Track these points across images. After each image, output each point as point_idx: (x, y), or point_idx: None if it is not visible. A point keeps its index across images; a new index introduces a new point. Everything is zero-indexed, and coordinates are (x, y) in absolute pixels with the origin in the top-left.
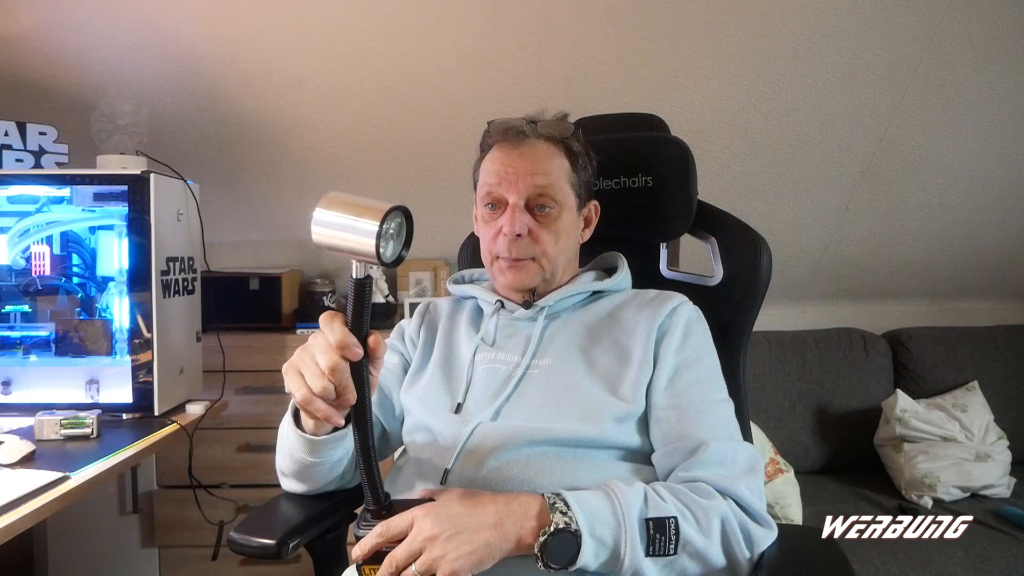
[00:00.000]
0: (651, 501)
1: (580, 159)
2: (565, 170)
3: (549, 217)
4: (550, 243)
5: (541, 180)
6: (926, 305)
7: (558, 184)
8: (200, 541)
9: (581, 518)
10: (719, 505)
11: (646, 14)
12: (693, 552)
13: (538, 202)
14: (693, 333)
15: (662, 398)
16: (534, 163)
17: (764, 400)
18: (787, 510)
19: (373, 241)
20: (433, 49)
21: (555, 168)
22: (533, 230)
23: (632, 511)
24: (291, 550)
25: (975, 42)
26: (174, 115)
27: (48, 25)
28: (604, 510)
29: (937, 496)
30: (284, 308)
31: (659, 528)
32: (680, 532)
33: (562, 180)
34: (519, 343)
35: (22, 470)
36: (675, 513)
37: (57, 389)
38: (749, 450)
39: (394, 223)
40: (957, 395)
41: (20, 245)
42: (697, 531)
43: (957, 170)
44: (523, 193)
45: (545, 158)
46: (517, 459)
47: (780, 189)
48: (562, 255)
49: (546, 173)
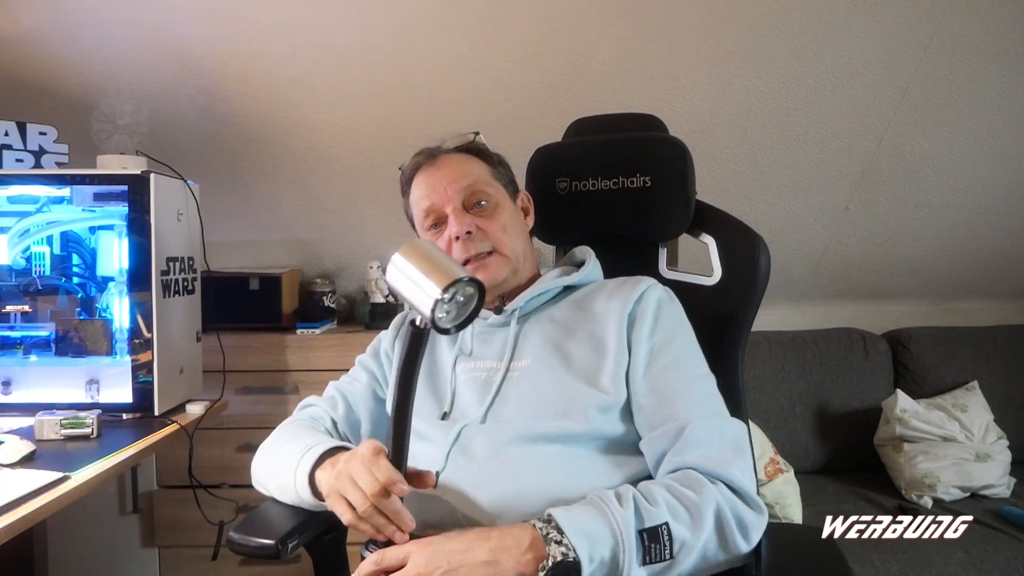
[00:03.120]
0: (642, 508)
1: (493, 159)
2: (484, 169)
3: (487, 210)
4: (500, 231)
5: (467, 180)
6: (926, 305)
7: (483, 179)
8: (200, 541)
9: (579, 544)
10: (711, 496)
11: (646, 14)
12: (688, 551)
13: (473, 200)
14: (663, 315)
15: (641, 384)
16: (454, 170)
17: (764, 400)
18: (787, 510)
19: (431, 303)
20: (433, 49)
21: (474, 169)
22: (479, 225)
23: (628, 525)
24: (291, 550)
25: (975, 42)
26: (174, 115)
27: (48, 25)
28: (601, 529)
29: (937, 496)
30: (284, 308)
31: (653, 537)
32: (673, 536)
33: (485, 176)
34: (496, 348)
35: (22, 470)
36: (667, 517)
37: (57, 389)
38: (734, 425)
39: (462, 294)
40: (957, 395)
41: (20, 245)
42: (690, 529)
43: (957, 170)
44: (455, 198)
45: (461, 164)
46: (506, 458)
47: (780, 189)
48: (517, 243)
49: (469, 174)
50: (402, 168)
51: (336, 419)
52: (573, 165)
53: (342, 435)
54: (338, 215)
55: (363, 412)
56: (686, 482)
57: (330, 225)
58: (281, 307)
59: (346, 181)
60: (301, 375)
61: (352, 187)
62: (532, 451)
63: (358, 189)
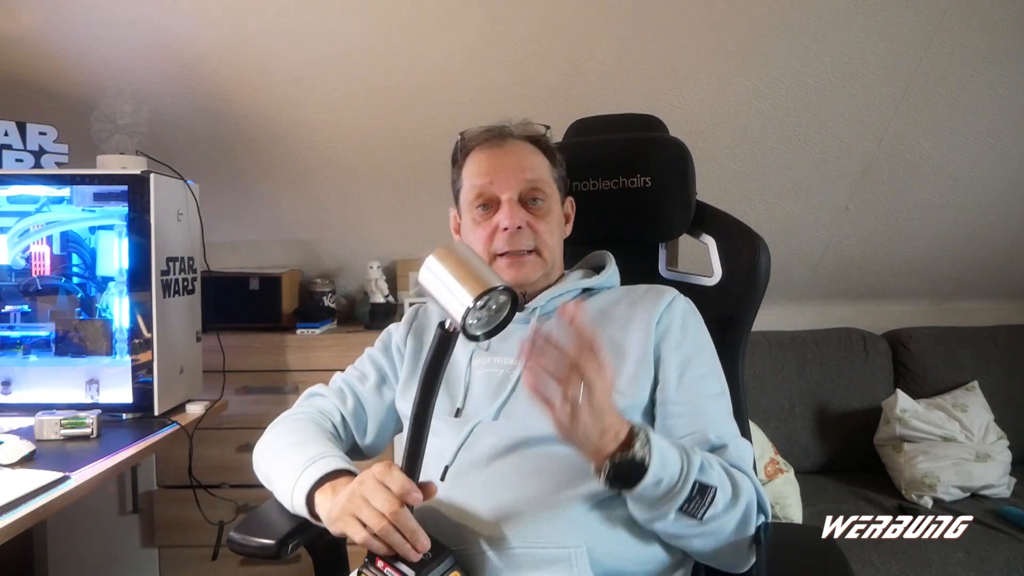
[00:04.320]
0: (706, 466)
1: (556, 159)
2: (547, 166)
3: (542, 210)
4: (548, 234)
5: (531, 175)
6: (926, 305)
7: (545, 178)
8: (200, 541)
9: (655, 457)
10: (750, 488)
11: (646, 14)
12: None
13: (531, 196)
14: (690, 327)
15: (674, 394)
16: (521, 159)
17: (764, 400)
18: (787, 510)
19: (463, 310)
20: (433, 49)
21: (539, 163)
22: (531, 223)
23: (693, 470)
24: (291, 550)
25: (975, 42)
26: (174, 115)
27: (48, 25)
28: (674, 461)
29: (937, 496)
30: (284, 308)
31: (701, 492)
32: (714, 504)
33: (547, 174)
34: (514, 346)
35: (22, 470)
36: (717, 485)
37: (57, 389)
38: (750, 447)
39: (495, 302)
40: (957, 395)
41: (20, 245)
42: (726, 507)
43: (957, 170)
44: (516, 188)
45: (529, 155)
46: (517, 457)
47: (780, 189)
48: (558, 247)
49: (534, 168)
50: (464, 135)
51: (345, 414)
52: (573, 166)
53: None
54: (338, 215)
55: (371, 412)
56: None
57: (330, 225)
58: (281, 307)
59: (346, 181)
60: (301, 375)
61: (352, 187)
62: (542, 453)
63: (358, 189)
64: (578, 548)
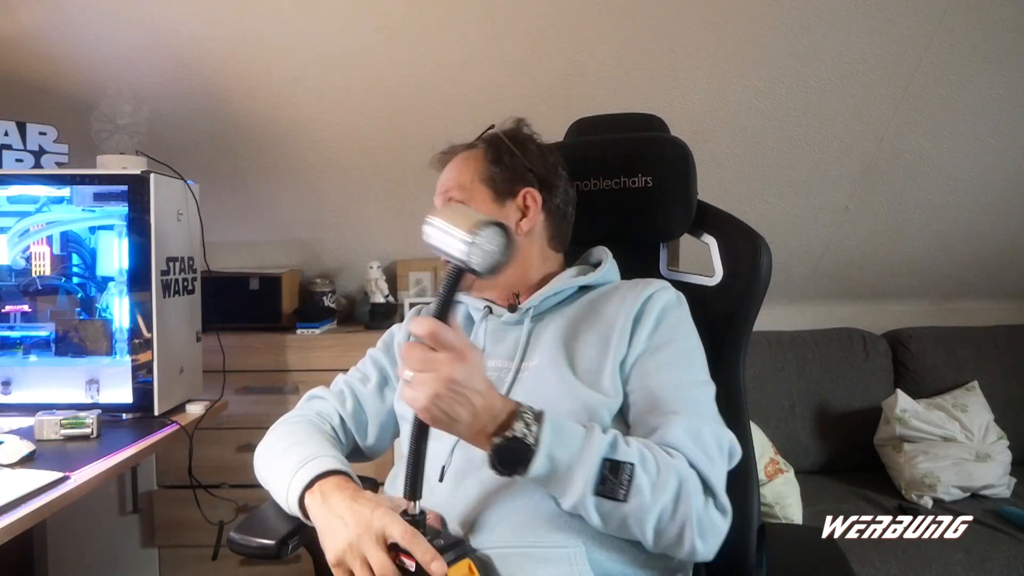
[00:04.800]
0: (618, 443)
1: (496, 152)
2: (472, 169)
3: None
4: None
5: (445, 186)
6: (926, 305)
7: (460, 184)
8: (200, 541)
9: (544, 436)
10: (681, 467)
11: (646, 14)
12: (642, 506)
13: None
14: (667, 317)
15: (632, 379)
16: (445, 174)
17: (764, 400)
18: (787, 510)
19: (463, 246)
20: (433, 49)
21: (462, 171)
22: None
23: (599, 446)
24: (291, 550)
25: (975, 42)
26: (174, 115)
27: (48, 25)
28: (573, 437)
29: (937, 496)
30: (284, 308)
31: (615, 471)
32: (634, 482)
33: (466, 179)
34: (508, 347)
35: (22, 470)
36: (636, 461)
37: (57, 389)
38: (724, 432)
39: (488, 239)
40: (957, 395)
41: (20, 245)
42: (651, 486)
43: (957, 170)
44: (438, 203)
45: (454, 165)
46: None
47: (780, 189)
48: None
49: (451, 178)
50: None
51: (344, 416)
52: (574, 165)
53: (349, 432)
54: (338, 215)
55: (371, 414)
56: (661, 447)
57: (330, 225)
58: (281, 307)
59: (346, 181)
60: (301, 375)
61: (352, 187)
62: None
63: (358, 189)
64: (576, 548)
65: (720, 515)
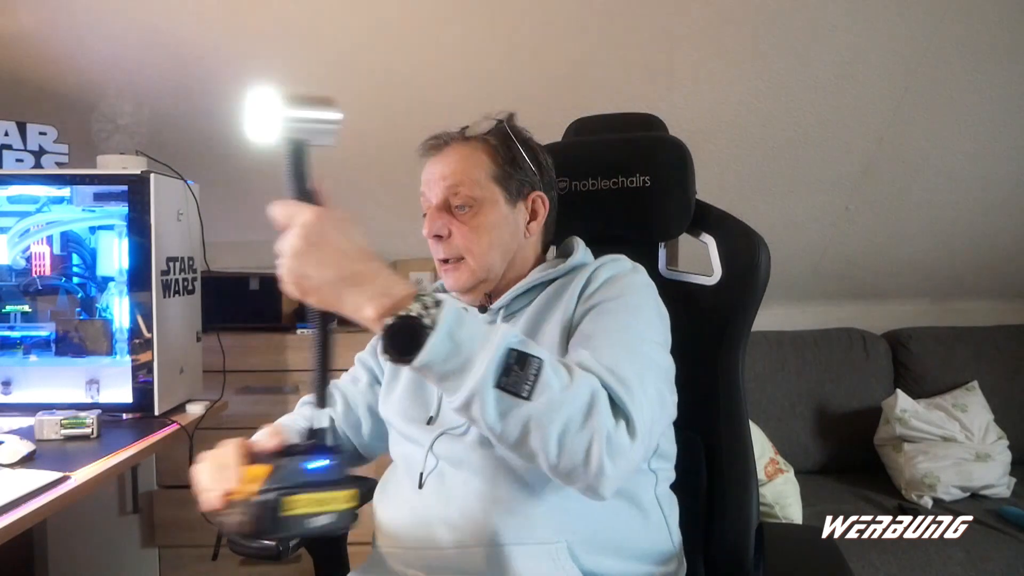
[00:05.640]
0: (528, 343)
1: (509, 153)
2: (484, 166)
3: (468, 215)
4: (472, 240)
5: (451, 180)
6: (926, 305)
7: (474, 180)
8: (200, 541)
9: (443, 318)
10: (595, 382)
11: (646, 14)
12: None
13: (455, 201)
14: (616, 281)
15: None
16: (448, 165)
17: (764, 400)
18: (787, 510)
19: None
20: (433, 50)
21: (471, 166)
22: (453, 228)
23: (506, 337)
24: (291, 551)
25: (975, 42)
26: (174, 115)
27: (48, 25)
28: (476, 324)
29: (937, 496)
30: (284, 308)
31: (521, 363)
32: (540, 378)
33: (479, 176)
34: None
35: (22, 470)
36: (545, 360)
37: (57, 389)
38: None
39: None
40: (957, 395)
41: (20, 245)
42: (561, 388)
43: (957, 170)
44: (439, 195)
45: (460, 159)
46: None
47: (780, 189)
48: (492, 252)
49: (459, 172)
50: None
51: (335, 418)
52: (573, 165)
53: (341, 434)
54: None
55: (363, 414)
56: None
57: None
58: (281, 307)
59: (346, 181)
60: (301, 375)
61: (352, 187)
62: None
63: (358, 189)
64: (559, 544)
65: (630, 441)
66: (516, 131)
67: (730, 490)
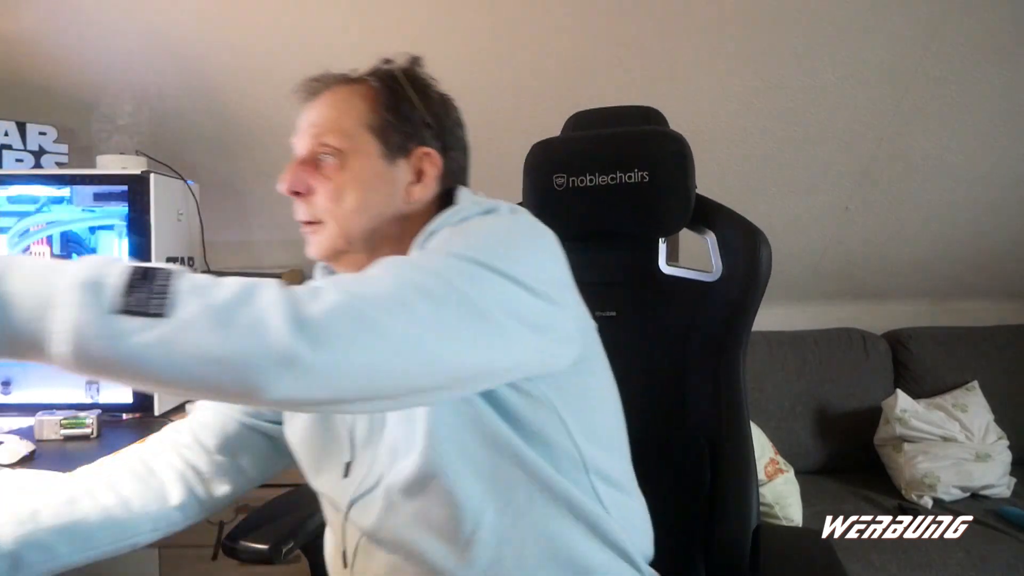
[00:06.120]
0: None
1: (393, 99)
2: (358, 112)
3: (329, 168)
4: (333, 199)
5: (314, 129)
6: (926, 305)
7: (341, 127)
8: (200, 541)
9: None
10: (272, 284)
11: (646, 14)
12: (190, 317)
13: (317, 152)
14: (470, 222)
15: None
16: (317, 112)
17: (764, 400)
18: (787, 510)
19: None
20: (433, 50)
21: (343, 112)
22: (316, 186)
23: (86, 266)
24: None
25: (975, 42)
26: (174, 115)
27: (48, 25)
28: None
29: (937, 496)
30: None
31: (146, 277)
32: (176, 290)
33: (350, 123)
34: None
35: (22, 470)
36: (174, 270)
37: (57, 389)
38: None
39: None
40: (957, 395)
41: (20, 245)
42: (200, 290)
43: (957, 170)
44: (305, 145)
45: (332, 104)
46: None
47: (780, 189)
48: (358, 216)
49: (329, 118)
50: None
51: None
52: (570, 160)
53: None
54: None
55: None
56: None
57: None
58: None
59: None
60: None
61: None
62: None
63: None
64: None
65: (310, 349)
66: (412, 75)
67: (731, 491)
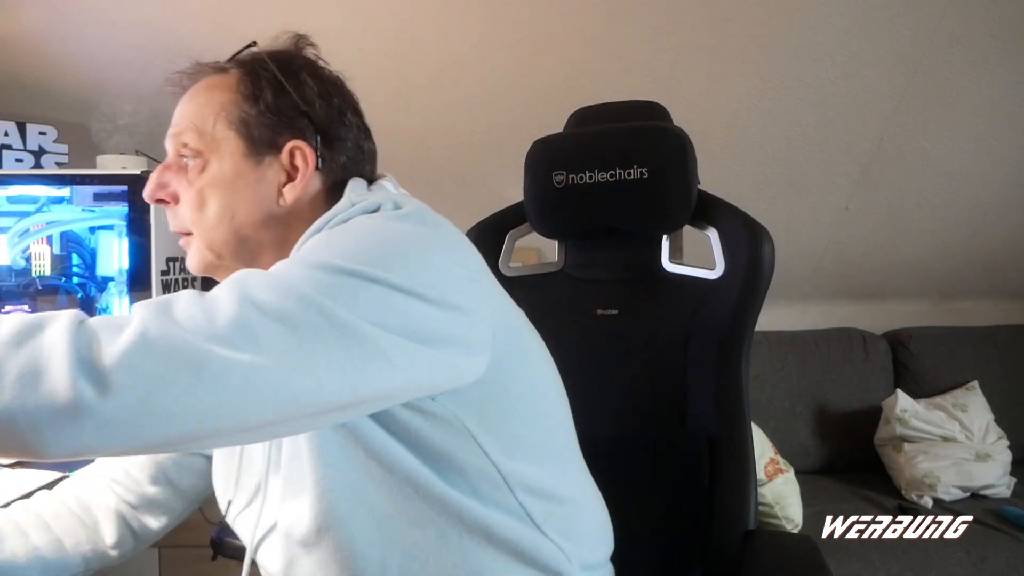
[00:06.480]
0: None
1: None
2: (218, 105)
3: (192, 172)
4: (194, 207)
5: (175, 128)
6: (926, 305)
7: (199, 126)
8: (200, 541)
9: None
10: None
11: (646, 14)
12: None
13: (180, 154)
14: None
15: None
16: (180, 108)
17: (764, 400)
18: (787, 510)
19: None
20: (432, 50)
21: (202, 107)
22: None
23: None
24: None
25: (975, 42)
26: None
27: (48, 25)
28: None
29: (937, 496)
30: None
31: None
32: None
33: (208, 120)
34: None
35: (22, 470)
36: None
37: None
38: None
39: None
40: (957, 395)
41: (20, 245)
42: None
43: (957, 170)
44: (169, 147)
45: (193, 99)
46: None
47: (780, 189)
48: (222, 225)
49: (185, 116)
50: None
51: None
52: (570, 158)
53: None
54: None
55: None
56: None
57: None
58: None
59: None
60: None
61: None
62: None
63: None
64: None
65: (98, 396)
66: (283, 56)
67: (729, 491)
